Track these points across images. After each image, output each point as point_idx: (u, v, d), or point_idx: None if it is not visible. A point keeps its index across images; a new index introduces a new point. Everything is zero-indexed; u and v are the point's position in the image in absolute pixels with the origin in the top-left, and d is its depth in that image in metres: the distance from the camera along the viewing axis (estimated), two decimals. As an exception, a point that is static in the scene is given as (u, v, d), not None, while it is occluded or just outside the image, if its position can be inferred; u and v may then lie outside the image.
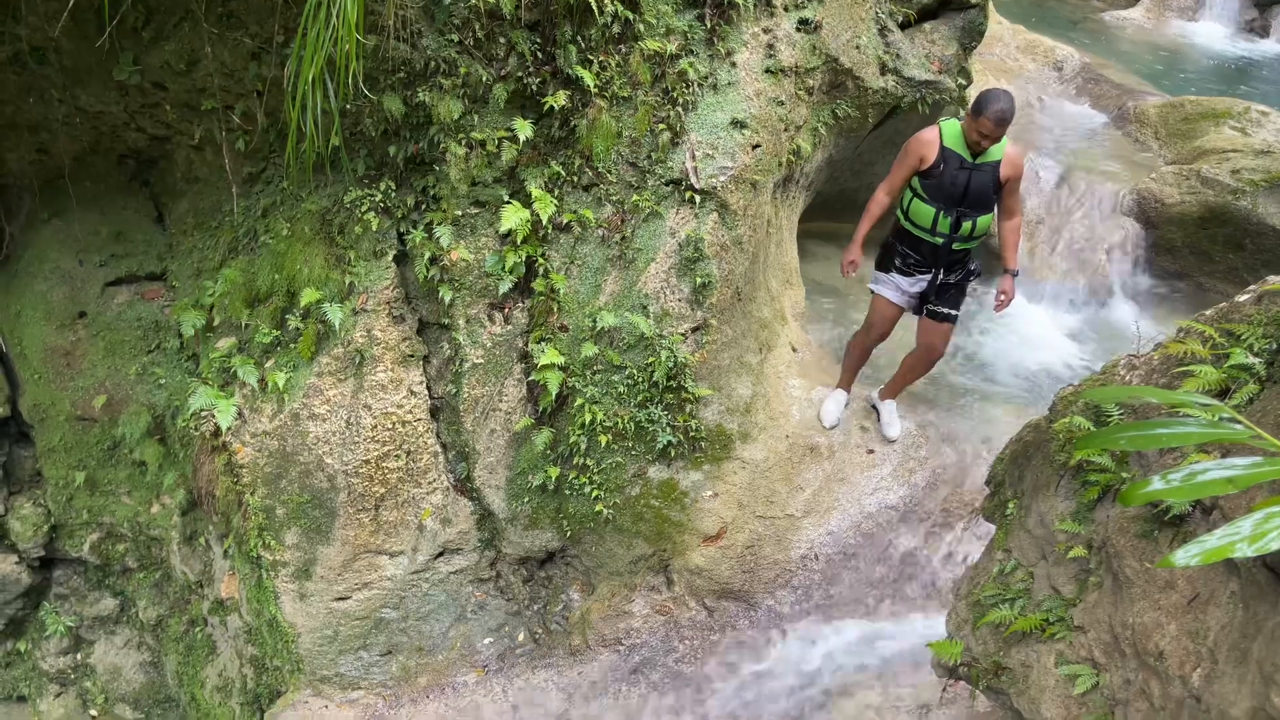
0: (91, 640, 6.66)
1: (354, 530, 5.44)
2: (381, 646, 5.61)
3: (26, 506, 6.15)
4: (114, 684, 6.64)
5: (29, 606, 6.56)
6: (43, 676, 6.70)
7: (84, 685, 6.72)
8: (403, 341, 5.43)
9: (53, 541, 6.28)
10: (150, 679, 6.63)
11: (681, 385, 5.43)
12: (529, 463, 5.56)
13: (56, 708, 6.71)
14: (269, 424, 5.34)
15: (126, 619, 6.62)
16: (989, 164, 5.11)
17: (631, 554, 5.60)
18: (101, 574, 6.50)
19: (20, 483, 6.15)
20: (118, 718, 6.72)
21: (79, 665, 6.70)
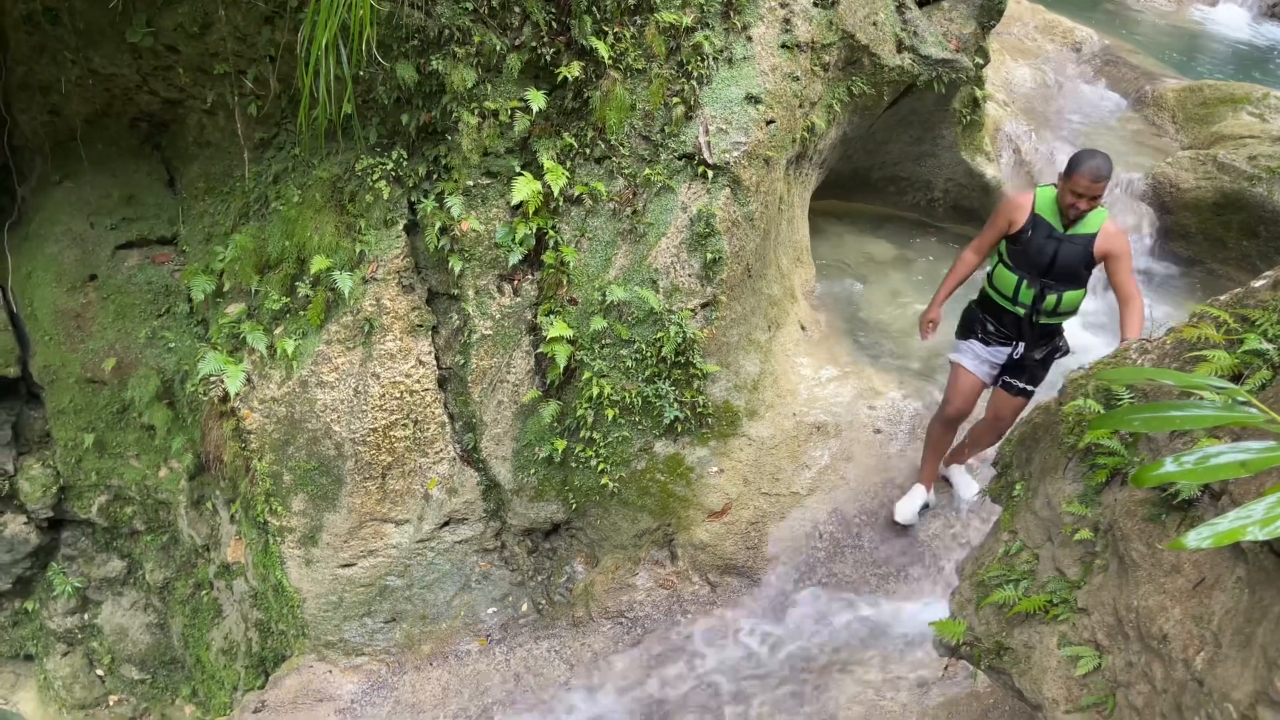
0: (99, 601, 6.72)
1: (360, 498, 5.47)
2: (386, 614, 5.65)
3: (35, 467, 6.18)
4: (121, 645, 6.70)
5: (37, 567, 6.62)
6: (50, 636, 6.77)
7: (91, 645, 6.79)
8: (412, 311, 5.43)
9: (61, 503, 6.32)
10: (157, 640, 6.69)
11: (690, 361, 5.43)
12: (536, 435, 5.57)
13: (63, 667, 6.78)
14: (277, 390, 5.35)
15: (134, 581, 6.67)
16: (1082, 236, 4.70)
17: (636, 528, 5.62)
18: (109, 536, 6.54)
19: (29, 444, 6.18)
20: (124, 678, 6.80)
21: (86, 626, 6.77)
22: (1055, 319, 5.02)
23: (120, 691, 6.83)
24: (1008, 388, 5.20)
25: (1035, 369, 5.17)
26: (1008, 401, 5.22)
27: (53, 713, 6.92)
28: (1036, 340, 5.06)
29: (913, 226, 8.20)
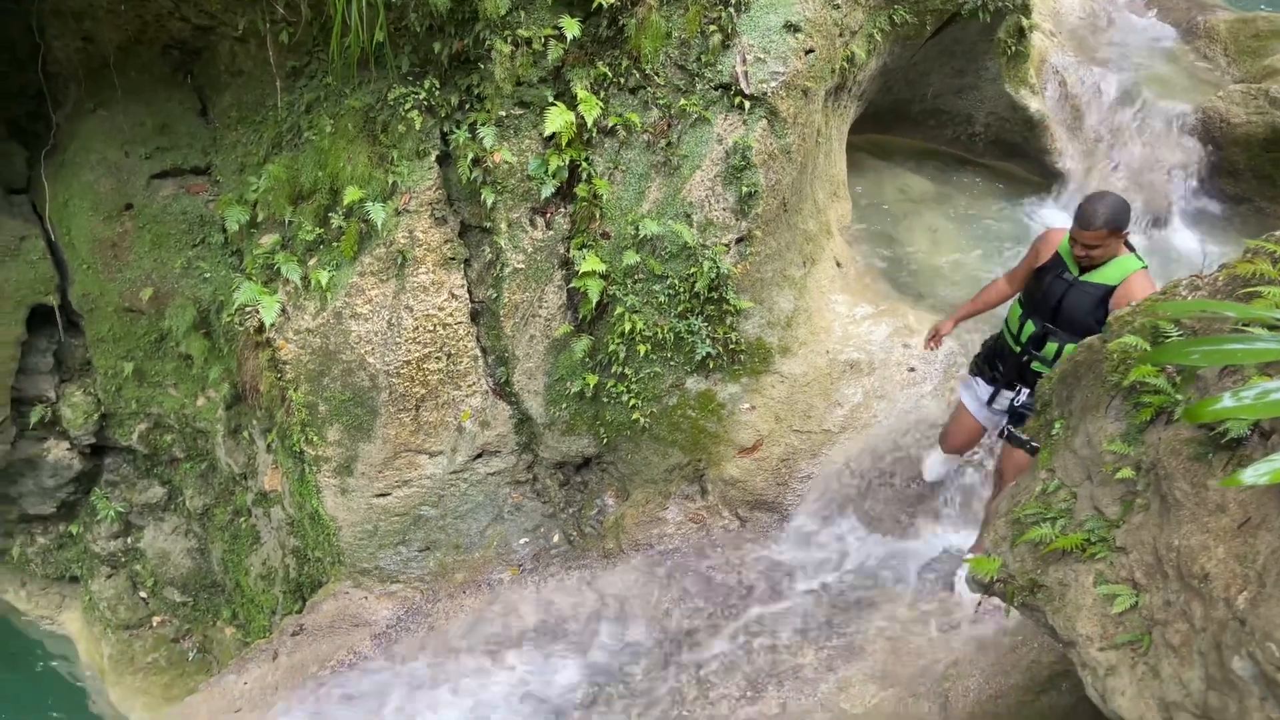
0: (141, 526, 6.89)
1: (395, 429, 5.52)
2: (420, 543, 5.74)
3: (77, 395, 6.29)
4: (163, 568, 6.88)
5: (80, 491, 6.77)
6: (94, 559, 6.96)
7: (134, 568, 6.98)
8: (444, 244, 5.41)
9: (103, 430, 6.44)
10: (197, 564, 6.86)
11: (723, 297, 5.38)
12: (568, 370, 5.57)
13: (108, 588, 6.98)
14: (312, 321, 5.38)
15: (174, 507, 6.82)
16: (1095, 285, 4.23)
17: (667, 463, 5.64)
18: (150, 463, 6.67)
19: (71, 371, 6.28)
20: (166, 600, 6.99)
21: (129, 549, 6.94)
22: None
23: (163, 613, 7.03)
24: (1010, 438, 4.67)
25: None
26: (1009, 454, 4.73)
27: (98, 632, 7.14)
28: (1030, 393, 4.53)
29: (952, 162, 8.02)
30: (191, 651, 7.03)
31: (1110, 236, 4.13)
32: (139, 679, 6.93)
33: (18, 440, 6.20)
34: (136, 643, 6.96)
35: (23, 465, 6.38)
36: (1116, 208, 4.12)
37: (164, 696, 6.82)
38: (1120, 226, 4.13)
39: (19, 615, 7.33)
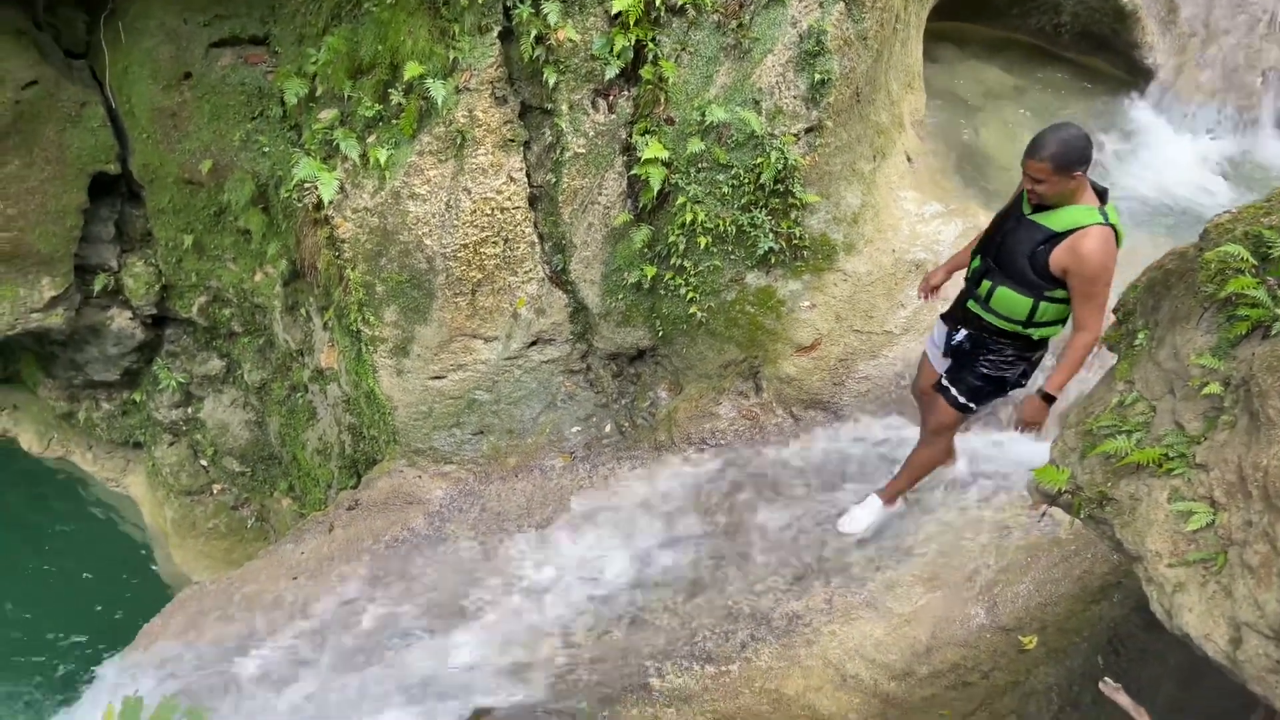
0: (201, 397, 7.04)
1: (451, 313, 5.50)
2: (474, 426, 5.79)
3: (139, 265, 6.35)
4: (222, 438, 7.06)
5: (143, 361, 6.92)
6: (157, 426, 7.15)
7: (194, 437, 7.17)
8: (504, 125, 5.28)
9: (164, 301, 6.52)
10: (255, 436, 7.02)
11: (789, 190, 5.22)
12: (625, 259, 5.48)
13: (170, 455, 7.20)
14: (370, 200, 5.32)
15: (233, 380, 6.95)
16: (1038, 226, 3.84)
17: (722, 358, 5.58)
18: (209, 335, 6.77)
19: (132, 241, 6.32)
20: (226, 469, 7.20)
21: (189, 419, 7.12)
22: (987, 315, 4.13)
23: (222, 481, 7.26)
24: (937, 386, 4.47)
25: (968, 375, 4.32)
26: (932, 399, 4.51)
27: (161, 496, 7.41)
28: (974, 335, 4.24)
29: (1034, 55, 7.62)
30: (250, 519, 7.28)
31: (1056, 174, 3.67)
32: (200, 542, 7.21)
33: (82, 307, 6.31)
34: (198, 508, 7.21)
35: (87, 332, 6.50)
36: (1069, 143, 3.63)
37: (224, 560, 7.10)
38: (1068, 165, 3.64)
39: (86, 477, 7.62)
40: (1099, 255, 3.70)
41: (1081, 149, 3.66)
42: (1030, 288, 3.94)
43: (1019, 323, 4.05)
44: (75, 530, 8.08)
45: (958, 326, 4.33)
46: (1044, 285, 3.90)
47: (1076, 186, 3.73)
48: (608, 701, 4.53)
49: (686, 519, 5.17)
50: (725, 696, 4.41)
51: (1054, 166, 3.66)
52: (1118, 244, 3.77)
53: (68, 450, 7.50)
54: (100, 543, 8.03)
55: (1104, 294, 3.78)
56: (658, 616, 4.87)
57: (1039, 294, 3.93)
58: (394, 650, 5.04)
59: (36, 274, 5.89)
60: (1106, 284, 3.76)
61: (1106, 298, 3.79)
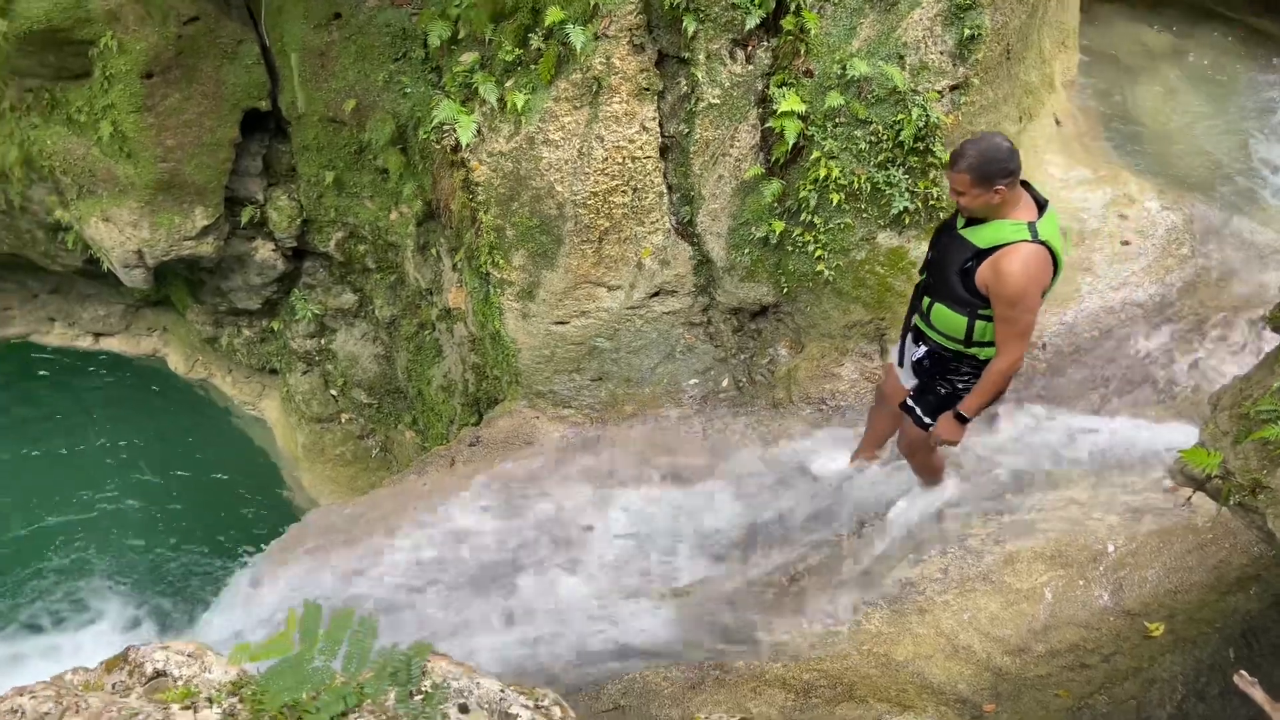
0: (334, 329, 7.33)
1: (577, 260, 5.56)
2: (593, 372, 5.87)
3: (282, 199, 6.61)
4: (352, 370, 7.34)
5: (282, 292, 7.23)
6: (292, 355, 7.48)
7: (326, 368, 7.48)
8: (640, 73, 5.26)
9: (304, 235, 6.78)
10: (383, 370, 7.28)
11: (929, 148, 5.06)
12: (754, 213, 5.43)
13: (303, 383, 7.53)
14: (505, 145, 5.39)
15: (364, 314, 7.20)
16: (964, 242, 3.62)
17: (847, 318, 5.50)
18: (344, 270, 7.02)
19: (277, 176, 6.57)
20: (354, 400, 7.49)
21: (322, 349, 7.43)
22: (933, 333, 3.93)
23: (350, 411, 7.56)
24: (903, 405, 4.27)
25: (930, 395, 4.10)
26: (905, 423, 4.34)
27: (292, 421, 7.78)
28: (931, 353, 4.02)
29: (1197, 14, 7.15)
30: (374, 449, 7.58)
31: (976, 186, 3.44)
32: (328, 468, 7.55)
33: (230, 237, 6.61)
34: (327, 435, 7.54)
35: (233, 262, 6.82)
36: (988, 154, 3.40)
37: (349, 486, 7.42)
38: (988, 177, 3.41)
39: (226, 398, 8.05)
40: (1019, 276, 3.45)
41: (1002, 161, 3.41)
42: (964, 305, 3.71)
43: (960, 342, 3.84)
44: (212, 448, 8.58)
45: (917, 342, 4.10)
46: (976, 303, 3.66)
47: (1003, 201, 3.48)
48: (714, 652, 4.59)
49: (803, 478, 5.15)
50: (833, 657, 4.41)
51: (973, 178, 3.44)
52: (1055, 260, 3.53)
53: (210, 372, 7.94)
54: (234, 461, 8.51)
55: (1025, 317, 3.55)
56: (768, 573, 4.89)
57: (973, 312, 3.70)
58: (506, 581, 5.21)
59: (191, 204, 6.20)
60: (1029, 307, 3.52)
61: (1029, 321, 3.57)
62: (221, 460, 8.33)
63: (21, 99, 5.92)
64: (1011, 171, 3.43)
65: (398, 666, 1.39)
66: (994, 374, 3.72)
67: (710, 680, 4.39)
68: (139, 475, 8.32)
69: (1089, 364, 5.20)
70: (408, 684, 1.39)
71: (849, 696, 4.18)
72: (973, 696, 4.14)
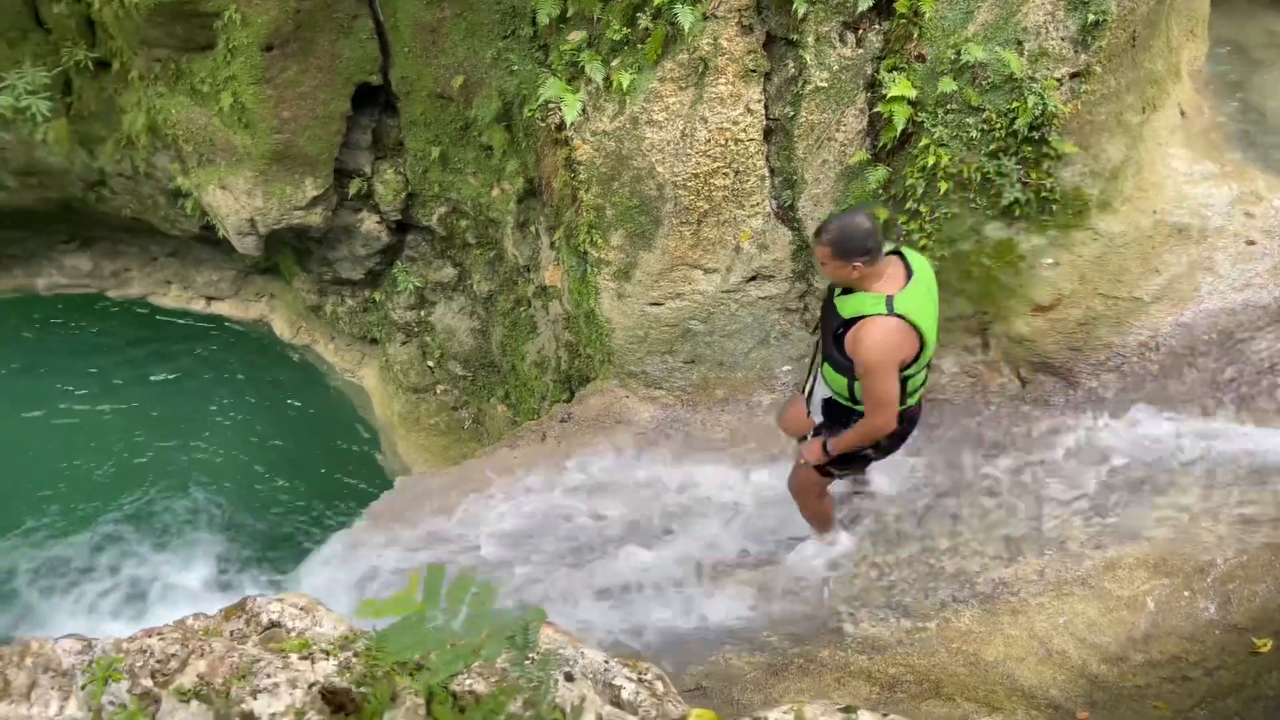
0: (433, 302, 7.49)
1: (675, 241, 5.56)
2: (685, 355, 5.87)
3: (389, 172, 6.76)
4: (449, 342, 7.50)
5: (385, 263, 7.41)
6: (392, 325, 7.67)
7: (424, 339, 7.65)
8: (747, 54, 5.21)
9: (408, 208, 6.93)
10: (479, 344, 7.41)
11: (1044, 138, 4.90)
12: (857, 199, 5.34)
13: (401, 353, 7.72)
14: (609, 124, 5.41)
15: (463, 288, 7.34)
16: (835, 311, 3.81)
17: (950, 311, 5.36)
18: (445, 245, 7.16)
19: (385, 150, 6.73)
20: (449, 372, 7.65)
21: (421, 321, 7.60)
22: (827, 386, 4.08)
23: (445, 383, 7.73)
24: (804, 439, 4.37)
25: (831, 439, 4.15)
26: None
27: (390, 390, 7.98)
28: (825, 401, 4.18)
29: (1342, 3, 6.75)
30: (467, 421, 7.74)
31: (835, 259, 3.62)
32: (422, 437, 7.74)
33: (337, 209, 6.80)
34: (422, 405, 7.72)
35: (340, 232, 7.02)
36: (846, 232, 3.56)
37: (442, 455, 7.60)
38: (843, 253, 3.58)
39: (327, 365, 8.31)
40: (874, 349, 3.62)
41: (859, 240, 3.56)
42: (840, 368, 3.90)
43: (846, 399, 4.00)
44: (312, 412, 8.87)
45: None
46: (850, 366, 3.81)
47: (861, 275, 3.64)
48: (798, 640, 4.56)
49: (894, 471, 5.07)
50: (920, 652, 4.34)
51: (833, 252, 3.63)
52: (916, 328, 3.65)
53: (313, 339, 8.19)
54: (332, 426, 8.78)
55: (881, 385, 3.69)
56: (855, 563, 4.84)
57: (850, 374, 3.87)
58: (591, 555, 5.27)
59: (302, 174, 6.39)
60: (885, 375, 3.67)
61: (886, 388, 3.70)
62: (320, 424, 8.61)
63: (149, 69, 6.18)
64: (867, 250, 3.59)
65: (515, 631, 1.42)
66: (864, 428, 3.90)
67: (794, 667, 4.37)
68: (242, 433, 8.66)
69: (1205, 367, 4.99)
70: (524, 649, 1.42)
71: (935, 694, 4.12)
72: (1065, 703, 4.04)
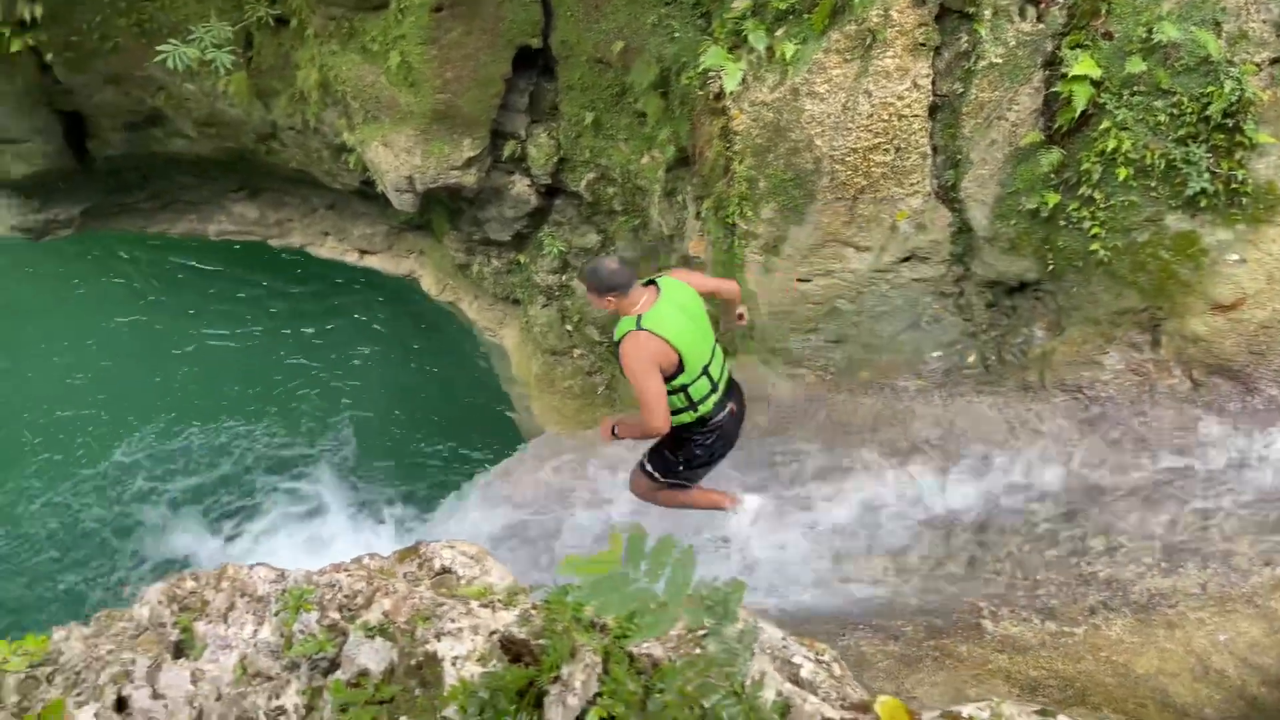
0: (575, 267, 7.56)
1: (828, 217, 5.45)
2: (831, 334, 5.77)
3: (542, 136, 6.84)
4: (588, 308, 7.56)
5: (531, 227, 7.52)
6: (534, 288, 7.80)
7: (564, 303, 7.75)
8: (919, 27, 5.03)
9: (558, 173, 7.00)
10: (618, 311, 7.45)
11: (1238, 126, 4.58)
12: (1026, 183, 5.11)
13: (541, 316, 7.84)
14: (768, 95, 5.33)
15: (606, 254, 7.38)
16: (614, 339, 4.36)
17: (1118, 304, 5.11)
18: (591, 211, 7.21)
19: (540, 114, 6.80)
20: (586, 337, 7.74)
21: (563, 285, 7.69)
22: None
23: (582, 347, 7.82)
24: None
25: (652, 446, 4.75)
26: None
27: (528, 351, 8.13)
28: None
29: None
30: (600, 386, 7.81)
31: (593, 294, 4.26)
32: (556, 398, 7.86)
33: (491, 170, 6.92)
34: (558, 368, 7.84)
35: (491, 193, 7.15)
36: (598, 275, 4.18)
37: (574, 419, 7.71)
38: (598, 290, 4.20)
39: (469, 323, 8.53)
40: (629, 358, 4.15)
41: (607, 279, 4.17)
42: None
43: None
44: (451, 366, 9.15)
45: None
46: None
47: (617, 307, 4.22)
48: (934, 632, 4.46)
49: (1050, 469, 4.88)
50: (1065, 657, 4.19)
51: (588, 289, 4.29)
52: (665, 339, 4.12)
53: (458, 297, 8.41)
54: (470, 381, 9.04)
55: (642, 386, 4.13)
56: (1000, 561, 4.69)
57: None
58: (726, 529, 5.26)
59: (460, 135, 6.52)
60: (644, 378, 4.12)
61: (647, 388, 4.12)
62: (459, 379, 8.87)
63: (325, 27, 6.40)
64: (614, 287, 4.18)
65: (716, 601, 1.43)
66: (640, 425, 4.30)
67: (929, 660, 4.28)
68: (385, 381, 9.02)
69: (1405, 382, 4.60)
70: (724, 619, 1.42)
71: (1081, 701, 3.97)
72: (1222, 725, 3.84)
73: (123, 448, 8.24)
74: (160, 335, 8.93)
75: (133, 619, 2.21)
